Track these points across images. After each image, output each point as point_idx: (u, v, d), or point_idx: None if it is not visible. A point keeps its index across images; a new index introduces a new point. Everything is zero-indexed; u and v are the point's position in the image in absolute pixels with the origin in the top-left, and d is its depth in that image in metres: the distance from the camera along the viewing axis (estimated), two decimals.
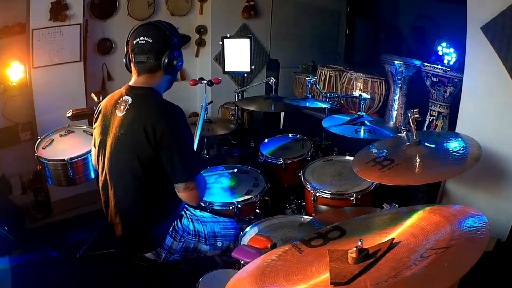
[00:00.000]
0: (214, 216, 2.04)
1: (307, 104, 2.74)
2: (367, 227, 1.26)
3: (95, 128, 1.84)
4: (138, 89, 1.72)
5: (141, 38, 1.67)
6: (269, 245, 1.56)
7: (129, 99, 1.70)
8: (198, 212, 2.02)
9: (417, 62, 2.97)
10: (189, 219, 1.91)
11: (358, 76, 3.29)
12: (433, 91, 2.80)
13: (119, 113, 1.70)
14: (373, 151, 1.89)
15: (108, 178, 1.75)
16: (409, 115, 1.74)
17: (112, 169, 1.73)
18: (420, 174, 1.59)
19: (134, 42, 1.68)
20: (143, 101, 1.69)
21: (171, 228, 1.81)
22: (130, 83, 1.76)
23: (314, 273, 1.04)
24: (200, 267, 1.94)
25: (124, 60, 1.79)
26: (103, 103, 1.83)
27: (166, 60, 1.69)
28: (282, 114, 3.50)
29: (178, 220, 1.85)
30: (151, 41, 1.67)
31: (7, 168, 3.28)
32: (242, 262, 1.54)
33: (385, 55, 3.16)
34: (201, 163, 1.78)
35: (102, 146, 1.77)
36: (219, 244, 1.93)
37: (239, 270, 1.42)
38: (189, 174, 1.68)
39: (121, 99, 1.73)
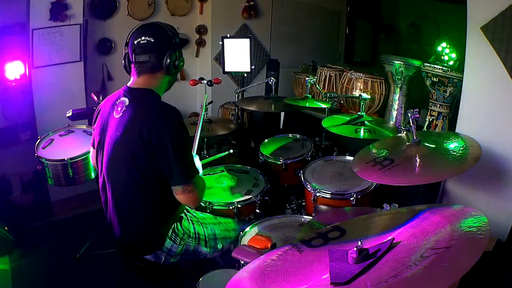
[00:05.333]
0: (215, 217, 2.03)
1: (307, 104, 2.74)
2: (367, 227, 1.26)
3: (94, 129, 1.84)
4: (136, 90, 1.71)
5: (143, 38, 1.66)
6: (269, 245, 1.56)
7: (126, 101, 1.69)
8: (199, 214, 2.00)
9: (417, 62, 2.97)
10: (190, 221, 1.90)
11: (358, 76, 3.29)
12: (433, 91, 2.80)
13: (116, 115, 1.69)
14: (373, 151, 1.89)
15: (106, 179, 1.75)
16: (409, 115, 1.74)
17: (110, 171, 1.73)
18: (420, 174, 1.59)
19: (135, 42, 1.67)
20: (140, 103, 1.68)
21: (171, 230, 1.80)
22: (129, 84, 1.75)
23: (314, 273, 1.04)
24: (200, 267, 1.94)
25: (123, 62, 1.78)
26: (102, 104, 1.83)
27: (168, 60, 1.69)
28: (282, 114, 3.50)
29: (178, 223, 1.84)
30: (153, 40, 1.66)
31: (7, 168, 3.28)
32: (242, 262, 1.54)
33: (385, 55, 3.16)
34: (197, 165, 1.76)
35: (100, 147, 1.76)
36: (219, 246, 1.93)
37: (239, 270, 1.42)
38: (187, 177, 1.66)
39: (118, 101, 1.72)
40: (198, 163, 1.97)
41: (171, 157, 1.60)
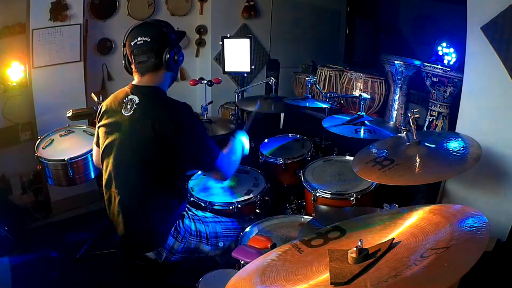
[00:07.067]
0: (216, 216, 2.04)
1: (307, 104, 2.74)
2: (367, 227, 1.25)
3: (98, 127, 1.83)
4: (144, 88, 1.72)
5: (139, 38, 1.67)
6: (269, 245, 1.56)
7: (136, 99, 1.70)
8: (200, 213, 2.01)
9: (417, 62, 2.97)
10: (191, 220, 1.90)
11: (358, 76, 3.29)
12: (433, 91, 2.80)
13: (126, 113, 1.70)
14: (373, 151, 1.89)
15: (113, 176, 1.75)
16: (409, 115, 1.74)
17: (118, 168, 1.73)
18: (420, 174, 1.59)
19: (132, 43, 1.68)
20: (150, 101, 1.69)
21: (173, 228, 1.80)
22: (134, 82, 1.76)
23: (314, 273, 1.04)
24: (200, 267, 1.94)
25: (123, 62, 1.79)
26: (106, 103, 1.82)
27: (168, 57, 1.70)
28: (282, 114, 3.50)
29: (180, 221, 1.84)
30: (149, 40, 1.67)
31: (7, 168, 3.28)
32: (242, 262, 1.54)
33: (385, 55, 3.16)
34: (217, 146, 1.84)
35: (108, 145, 1.76)
36: (220, 244, 1.93)
37: (239, 270, 1.42)
38: (210, 163, 1.76)
39: (126, 99, 1.72)
40: (245, 141, 2.13)
41: (192, 151, 1.68)
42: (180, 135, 1.63)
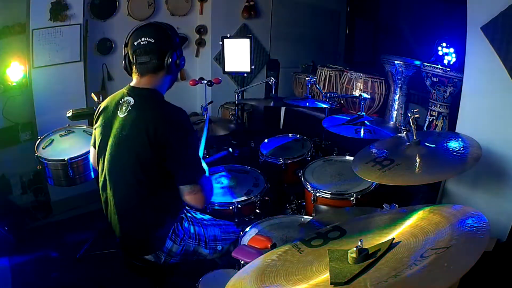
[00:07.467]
0: (215, 219, 2.02)
1: (307, 104, 2.74)
2: (367, 227, 1.25)
3: (95, 128, 1.83)
4: (141, 90, 1.71)
5: (143, 38, 1.65)
6: (269, 245, 1.56)
7: (131, 100, 1.69)
8: (198, 215, 2.00)
9: (417, 62, 2.98)
10: (190, 222, 1.89)
11: (358, 76, 3.29)
12: (433, 91, 2.80)
13: (121, 114, 1.69)
14: (373, 151, 1.89)
15: (107, 179, 1.74)
16: (409, 115, 1.75)
17: (112, 170, 1.72)
18: (420, 174, 1.59)
19: (135, 43, 1.67)
20: (146, 103, 1.68)
21: (171, 231, 1.79)
22: (132, 84, 1.74)
23: (314, 273, 1.04)
24: (200, 267, 1.94)
25: (123, 62, 1.77)
26: (103, 104, 1.81)
27: (170, 60, 1.68)
28: (282, 114, 3.51)
29: (179, 223, 1.83)
30: (153, 41, 1.65)
31: (7, 168, 3.28)
32: (242, 262, 1.54)
33: (385, 55, 3.17)
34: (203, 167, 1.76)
35: (102, 146, 1.75)
36: (219, 248, 1.92)
37: (239, 270, 1.42)
38: (194, 178, 1.66)
39: (122, 100, 1.71)
40: (204, 165, 1.97)
41: (178, 158, 1.61)
42: (174, 138, 1.60)
